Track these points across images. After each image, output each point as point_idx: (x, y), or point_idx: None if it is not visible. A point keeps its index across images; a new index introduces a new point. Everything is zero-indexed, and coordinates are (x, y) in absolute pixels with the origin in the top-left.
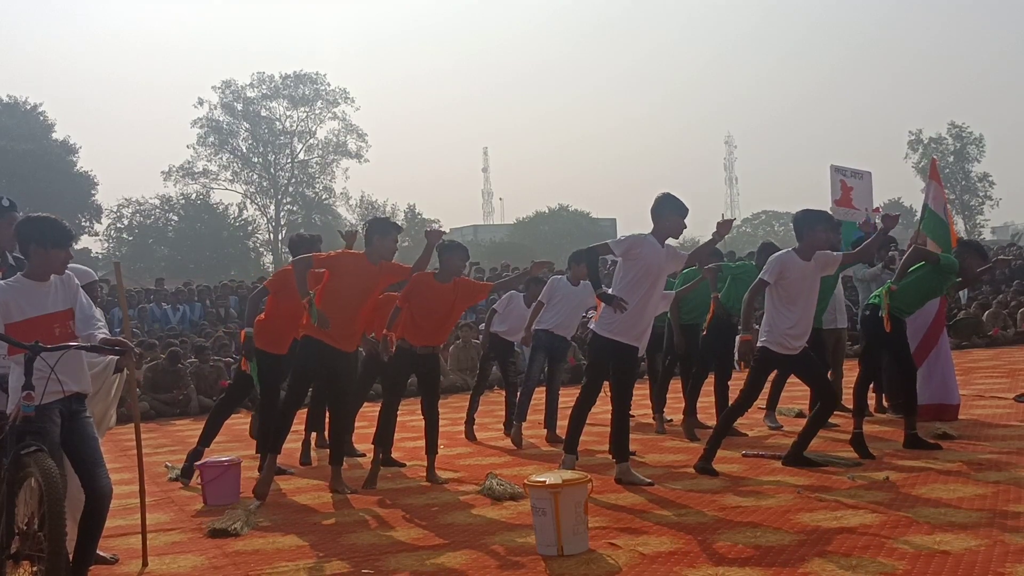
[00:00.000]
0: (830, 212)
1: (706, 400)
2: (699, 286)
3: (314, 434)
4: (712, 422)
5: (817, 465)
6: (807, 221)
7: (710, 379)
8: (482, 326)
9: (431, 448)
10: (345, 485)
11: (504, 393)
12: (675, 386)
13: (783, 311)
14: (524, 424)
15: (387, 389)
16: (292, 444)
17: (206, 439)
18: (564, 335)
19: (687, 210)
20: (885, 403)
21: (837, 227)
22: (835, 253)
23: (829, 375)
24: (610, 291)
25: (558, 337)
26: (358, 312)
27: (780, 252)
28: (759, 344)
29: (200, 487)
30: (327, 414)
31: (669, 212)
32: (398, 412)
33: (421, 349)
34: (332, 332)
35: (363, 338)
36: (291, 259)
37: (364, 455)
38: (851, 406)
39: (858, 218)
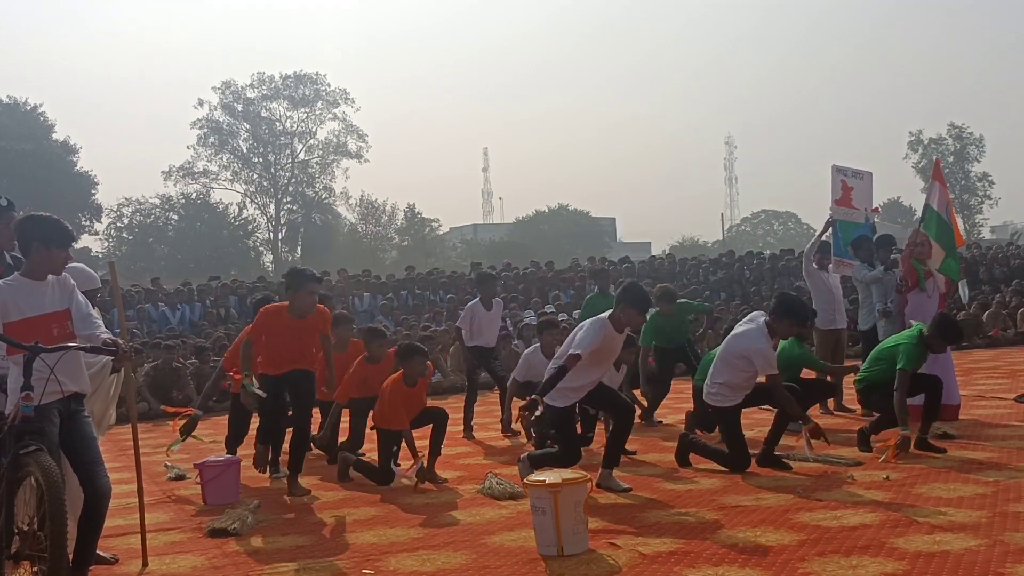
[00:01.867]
0: (830, 211)
1: None
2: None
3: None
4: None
5: (785, 468)
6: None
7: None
8: (465, 338)
9: (434, 451)
10: (302, 488)
11: (498, 394)
12: (681, 386)
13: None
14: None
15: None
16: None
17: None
18: None
19: (649, 306)
20: None
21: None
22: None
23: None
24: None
25: None
26: (300, 345)
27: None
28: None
29: (199, 487)
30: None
31: (627, 305)
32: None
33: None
34: (277, 359)
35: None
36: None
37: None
38: (852, 407)
39: (858, 218)
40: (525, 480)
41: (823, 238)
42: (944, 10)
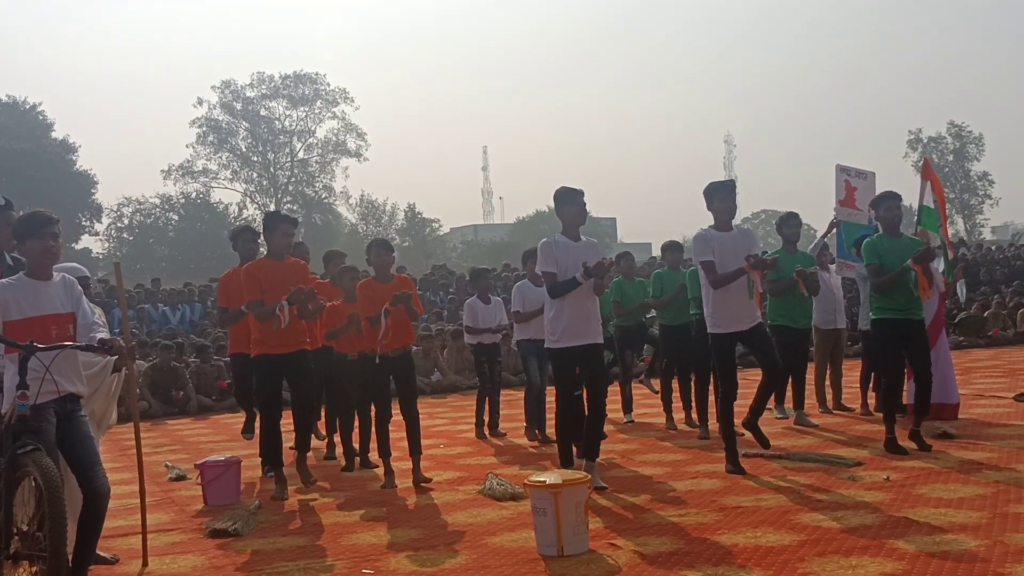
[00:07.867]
0: (834, 211)
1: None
2: (678, 295)
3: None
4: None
5: (764, 444)
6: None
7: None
8: (467, 337)
9: (415, 449)
10: (309, 475)
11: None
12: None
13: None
14: (504, 424)
15: (375, 401)
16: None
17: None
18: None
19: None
20: None
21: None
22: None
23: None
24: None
25: (540, 341)
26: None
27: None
28: (709, 332)
29: (200, 487)
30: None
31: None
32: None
33: (392, 352)
34: (276, 338)
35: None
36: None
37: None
38: (851, 406)
39: (861, 219)
40: (526, 481)
41: (826, 239)
42: (944, 10)
